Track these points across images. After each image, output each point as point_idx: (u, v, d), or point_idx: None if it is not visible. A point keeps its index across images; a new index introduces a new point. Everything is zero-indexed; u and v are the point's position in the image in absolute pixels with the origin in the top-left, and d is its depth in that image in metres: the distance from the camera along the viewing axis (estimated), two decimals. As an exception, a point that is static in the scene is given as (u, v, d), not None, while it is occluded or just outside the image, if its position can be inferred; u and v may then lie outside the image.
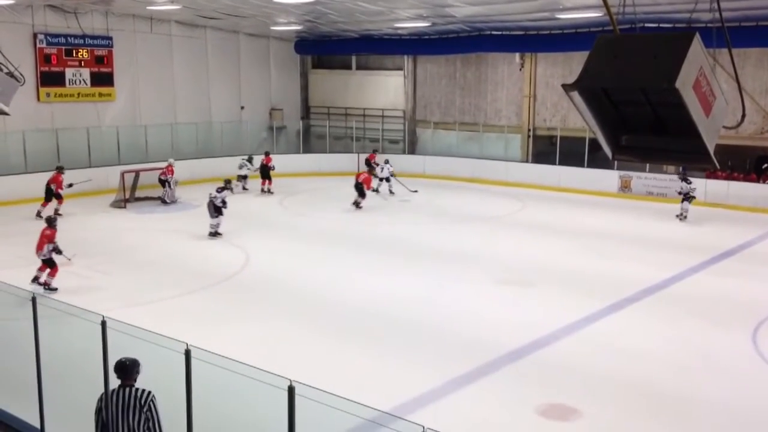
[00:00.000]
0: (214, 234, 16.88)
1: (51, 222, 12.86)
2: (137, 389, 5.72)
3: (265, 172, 23.15)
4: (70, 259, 12.78)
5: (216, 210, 16.95)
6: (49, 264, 12.53)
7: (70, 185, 19.11)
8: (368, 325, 11.13)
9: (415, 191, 23.00)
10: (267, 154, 23.88)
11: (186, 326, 10.51)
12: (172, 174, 21.16)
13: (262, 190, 23.10)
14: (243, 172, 23.61)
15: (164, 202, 20.99)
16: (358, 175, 21.21)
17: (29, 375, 7.03)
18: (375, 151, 26.30)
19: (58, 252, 12.52)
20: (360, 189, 20.70)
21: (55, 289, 12.30)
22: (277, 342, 10.33)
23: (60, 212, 18.57)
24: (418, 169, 26.86)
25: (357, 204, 20.65)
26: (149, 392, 5.72)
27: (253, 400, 5.85)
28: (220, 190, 17.27)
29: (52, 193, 18.90)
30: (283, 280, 13.51)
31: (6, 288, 7.72)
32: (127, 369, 5.76)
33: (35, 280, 12.55)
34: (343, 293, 12.71)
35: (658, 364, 9.64)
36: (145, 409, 5.65)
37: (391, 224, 18.74)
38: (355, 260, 15.09)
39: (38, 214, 18.43)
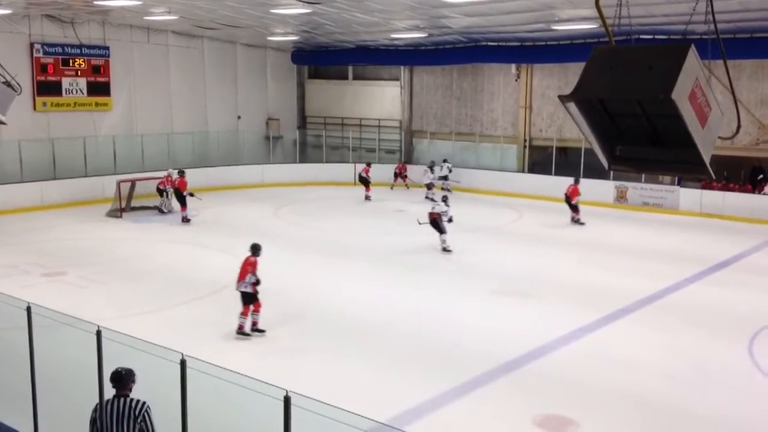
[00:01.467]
0: (448, 250, 16.31)
1: (256, 250, 11.02)
2: (132, 399, 5.69)
3: (365, 180, 24.53)
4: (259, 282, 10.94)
5: (441, 225, 16.25)
6: (246, 300, 10.82)
7: (191, 194, 20.13)
8: (364, 335, 11.11)
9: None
10: (368, 164, 25.26)
11: (181, 336, 10.47)
12: (171, 184, 21.14)
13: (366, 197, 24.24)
14: (426, 179, 24.61)
15: (161, 211, 20.97)
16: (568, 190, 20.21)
17: (24, 385, 6.99)
18: (403, 162, 27.73)
19: (258, 283, 10.85)
20: (569, 203, 20.03)
21: (263, 331, 10.88)
22: (273, 352, 10.30)
23: (189, 218, 19.94)
24: (414, 179, 26.89)
25: (575, 220, 20.15)
26: (144, 402, 5.69)
27: (249, 410, 5.83)
28: (445, 202, 16.58)
29: (184, 197, 19.96)
30: (279, 290, 13.46)
31: (2, 298, 7.67)
32: (123, 379, 5.73)
33: (241, 330, 10.79)
34: (339, 304, 12.69)
35: (655, 375, 9.63)
36: (139, 420, 5.62)
37: (386, 235, 18.72)
38: (351, 271, 15.07)
39: (184, 219, 19.88)
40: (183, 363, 5.48)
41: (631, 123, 5.74)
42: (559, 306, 12.65)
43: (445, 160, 26.07)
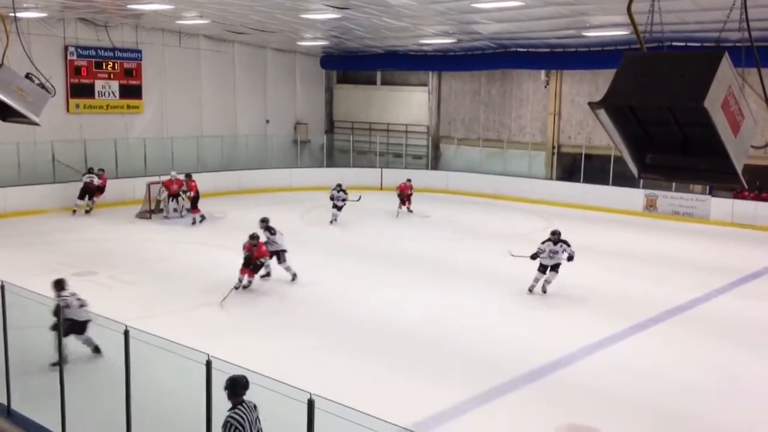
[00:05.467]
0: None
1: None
2: (249, 402, 5.74)
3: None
4: None
5: None
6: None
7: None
8: (388, 340, 11.09)
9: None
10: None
11: (207, 337, 10.55)
12: (183, 186, 20.96)
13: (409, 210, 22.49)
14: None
15: (166, 218, 20.64)
16: None
17: (52, 382, 7.10)
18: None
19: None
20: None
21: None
22: (297, 355, 10.33)
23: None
24: (440, 185, 26.87)
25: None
26: (251, 402, 5.77)
27: (273, 412, 5.86)
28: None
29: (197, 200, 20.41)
30: (305, 293, 13.54)
31: (33, 296, 7.81)
32: (246, 385, 5.75)
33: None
34: (364, 308, 12.69)
35: (681, 387, 9.49)
36: (257, 416, 5.76)
37: (412, 240, 18.71)
38: (376, 275, 15.08)
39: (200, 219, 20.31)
40: (209, 364, 5.53)
41: (662, 131, 5.66)
42: (585, 315, 12.52)
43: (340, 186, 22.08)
